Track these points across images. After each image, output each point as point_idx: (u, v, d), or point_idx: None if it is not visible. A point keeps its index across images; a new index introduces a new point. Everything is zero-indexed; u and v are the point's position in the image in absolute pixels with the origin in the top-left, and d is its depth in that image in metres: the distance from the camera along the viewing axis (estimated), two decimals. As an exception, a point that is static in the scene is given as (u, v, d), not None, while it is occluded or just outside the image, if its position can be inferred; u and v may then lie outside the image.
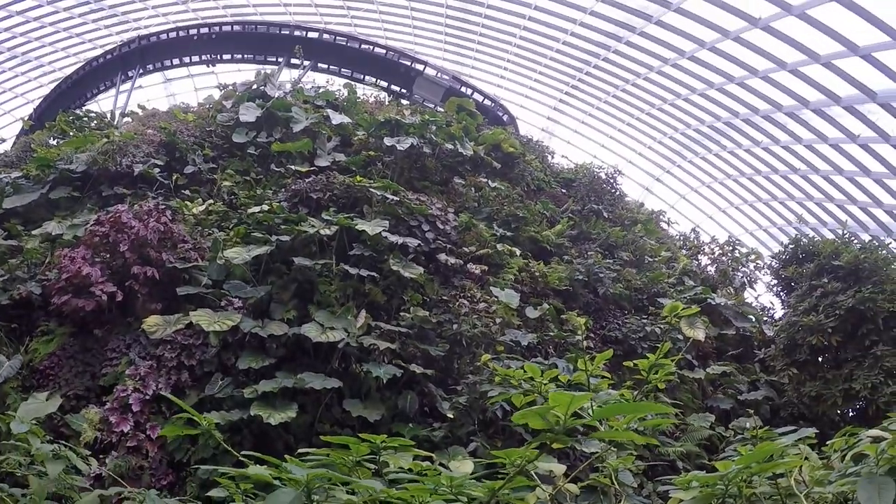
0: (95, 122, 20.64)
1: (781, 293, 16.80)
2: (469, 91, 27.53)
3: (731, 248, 20.84)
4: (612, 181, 20.55)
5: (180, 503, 6.06)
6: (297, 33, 28.89)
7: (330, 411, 10.22)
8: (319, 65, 28.88)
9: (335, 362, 10.50)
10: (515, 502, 3.72)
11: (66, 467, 4.59)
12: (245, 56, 31.23)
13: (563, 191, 19.89)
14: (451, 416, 10.05)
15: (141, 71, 33.32)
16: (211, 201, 13.80)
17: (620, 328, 14.53)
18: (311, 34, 29.20)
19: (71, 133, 19.28)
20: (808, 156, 27.63)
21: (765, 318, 17.17)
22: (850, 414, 13.48)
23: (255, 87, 19.11)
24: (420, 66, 28.01)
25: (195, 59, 32.93)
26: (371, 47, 29.26)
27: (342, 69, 29.43)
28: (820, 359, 13.58)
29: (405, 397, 10.37)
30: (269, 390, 9.40)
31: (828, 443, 3.44)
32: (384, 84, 28.09)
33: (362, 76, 28.81)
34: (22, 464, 4.75)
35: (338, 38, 29.33)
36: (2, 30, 38.06)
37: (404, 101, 24.74)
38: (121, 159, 15.26)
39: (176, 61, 33.53)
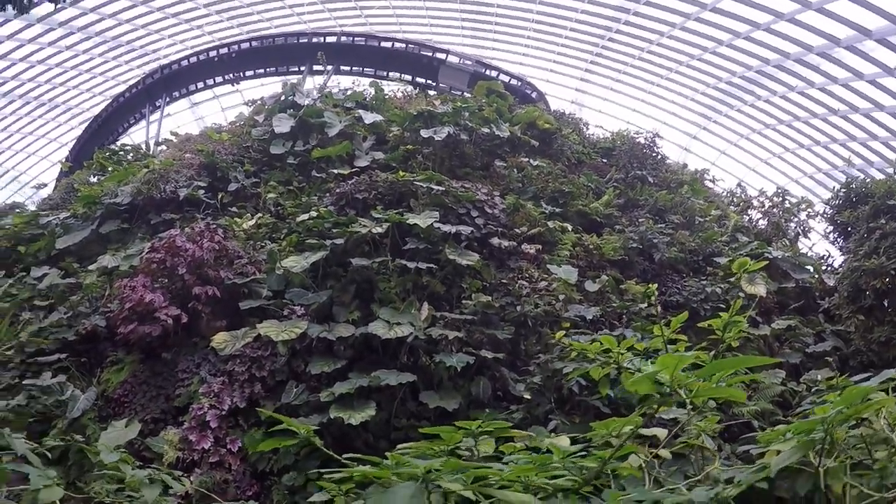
0: (132, 154, 20.95)
1: (838, 239, 16.32)
2: (494, 73, 27.25)
3: (780, 199, 20.27)
4: (652, 145, 20.15)
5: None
6: (315, 40, 28.94)
7: (404, 406, 10.21)
8: (342, 68, 28.92)
9: (403, 357, 10.49)
10: (620, 469, 3.69)
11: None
12: (267, 70, 31.47)
13: (604, 161, 19.56)
14: (528, 397, 9.97)
15: (167, 99, 33.80)
16: (259, 215, 13.90)
17: (680, 292, 14.27)
18: (330, 39, 29.26)
19: (110, 168, 19.58)
20: (845, 95, 26.88)
21: (823, 267, 16.71)
22: (923, 356, 13.04)
23: (283, 98, 19.23)
24: (442, 56, 27.85)
25: (218, 80, 33.27)
26: (391, 43, 29.20)
27: (365, 69, 29.44)
28: (885, 302, 13.09)
29: (477, 384, 10.33)
30: (345, 392, 9.43)
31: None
32: (409, 78, 27.98)
33: (386, 73, 28.77)
34: (110, 492, 4.79)
35: (356, 38, 29.34)
36: (26, 80, 39.04)
37: (431, 93, 24.63)
38: (164, 186, 15.46)
39: (200, 85, 33.94)
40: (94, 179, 20.30)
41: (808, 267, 15.88)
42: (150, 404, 10.87)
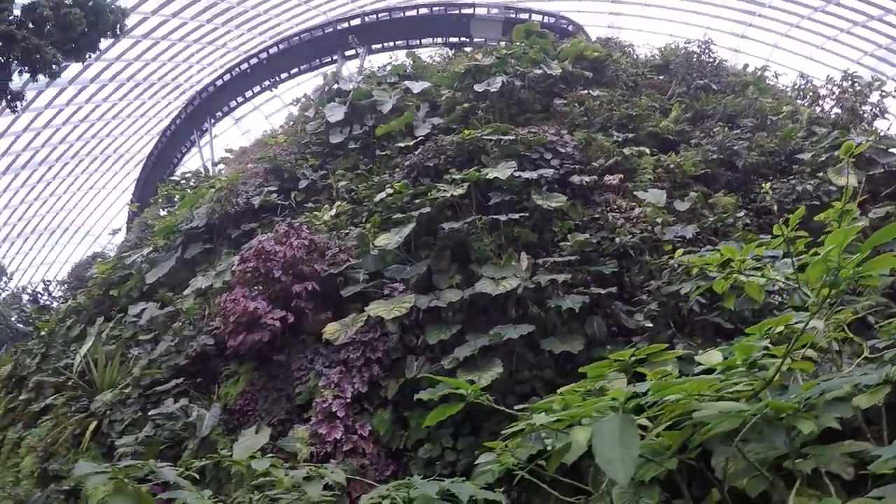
0: (193, 180, 21.32)
1: (920, 114, 15.34)
2: (526, 15, 26.59)
3: (849, 83, 19.18)
4: (707, 52, 19.37)
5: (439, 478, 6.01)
6: (340, 26, 28.90)
7: (523, 359, 10.05)
8: (373, 47, 28.74)
9: (511, 311, 10.35)
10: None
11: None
12: (301, 68, 31.61)
13: (661, 77, 18.90)
14: (649, 325, 9.72)
15: (212, 121, 34.34)
16: (337, 204, 13.94)
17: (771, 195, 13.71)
18: (354, 22, 29.11)
19: (177, 197, 19.97)
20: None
21: (908, 147, 15.76)
22: None
23: (327, 88, 19.23)
24: (469, 10, 27.33)
25: (256, 89, 33.66)
26: (415, 10, 28.83)
27: (396, 42, 29.22)
28: None
29: (591, 323, 10.08)
30: (468, 354, 9.35)
31: None
32: (441, 40, 27.64)
33: (418, 41, 28.53)
34: (252, 500, 4.81)
35: (380, 14, 29.09)
36: (73, 141, 40.32)
37: (467, 49, 24.24)
38: (236, 199, 15.68)
39: (240, 99, 34.42)
40: (163, 213, 20.76)
41: (893, 150, 15.02)
42: (272, 408, 11.02)
